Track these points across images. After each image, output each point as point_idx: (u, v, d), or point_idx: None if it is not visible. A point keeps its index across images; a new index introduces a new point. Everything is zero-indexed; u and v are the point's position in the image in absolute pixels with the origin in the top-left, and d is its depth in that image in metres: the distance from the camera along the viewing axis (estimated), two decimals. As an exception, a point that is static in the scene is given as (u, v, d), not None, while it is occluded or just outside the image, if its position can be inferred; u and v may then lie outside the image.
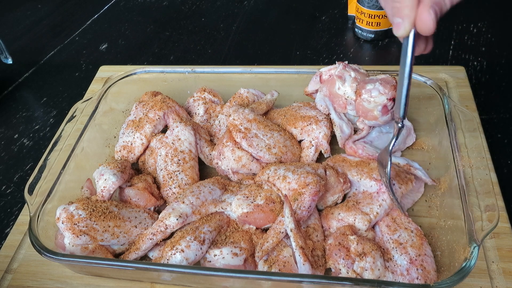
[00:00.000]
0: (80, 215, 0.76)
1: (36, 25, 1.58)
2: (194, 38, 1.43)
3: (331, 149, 0.92)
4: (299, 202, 0.76)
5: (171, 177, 0.87)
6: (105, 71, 1.26)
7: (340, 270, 0.71)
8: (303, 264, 0.69)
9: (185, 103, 1.06)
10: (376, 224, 0.78)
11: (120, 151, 0.95)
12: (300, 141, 0.94)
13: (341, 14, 1.44)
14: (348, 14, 1.39)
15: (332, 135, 0.94)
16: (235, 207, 0.80)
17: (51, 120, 1.19)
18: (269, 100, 1.01)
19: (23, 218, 0.92)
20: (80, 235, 0.74)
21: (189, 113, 1.04)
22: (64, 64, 1.39)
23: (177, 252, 0.73)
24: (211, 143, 0.98)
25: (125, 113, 1.06)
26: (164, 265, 0.72)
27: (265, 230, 0.79)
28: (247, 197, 0.80)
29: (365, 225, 0.76)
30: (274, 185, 0.81)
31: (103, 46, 1.45)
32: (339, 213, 0.79)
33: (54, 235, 0.78)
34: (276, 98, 1.03)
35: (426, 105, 0.95)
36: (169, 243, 0.76)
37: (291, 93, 1.04)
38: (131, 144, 0.95)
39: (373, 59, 1.26)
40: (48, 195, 0.81)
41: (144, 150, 0.96)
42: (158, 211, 0.86)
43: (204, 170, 0.96)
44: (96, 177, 0.84)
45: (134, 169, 0.93)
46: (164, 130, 0.97)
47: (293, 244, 0.70)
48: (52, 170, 0.85)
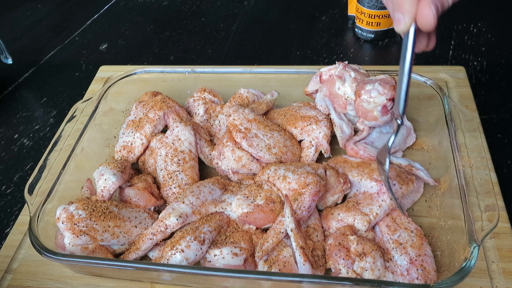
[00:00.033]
0: (80, 215, 0.76)
1: (36, 25, 1.58)
2: (194, 38, 1.43)
3: (331, 149, 0.92)
4: (299, 202, 0.76)
5: (171, 177, 0.87)
6: (105, 71, 1.26)
7: (340, 270, 0.71)
8: (303, 264, 0.69)
9: (185, 103, 1.06)
10: (376, 224, 0.78)
11: (120, 151, 0.95)
12: (300, 141, 0.94)
13: (341, 14, 1.44)
14: (348, 14, 1.39)
15: (332, 135, 0.94)
16: (235, 207, 0.80)
17: (51, 120, 1.19)
18: (269, 100, 1.01)
19: (23, 218, 0.92)
20: (80, 235, 0.74)
21: (189, 113, 1.04)
22: (64, 64, 1.39)
23: (177, 252, 0.73)
24: (211, 143, 0.98)
25: (125, 113, 1.07)
26: (164, 265, 0.72)
27: (265, 230, 0.79)
28: (247, 197, 0.80)
29: (364, 226, 0.76)
30: (274, 185, 0.81)
31: (103, 46, 1.45)
32: (339, 214, 0.79)
33: (54, 235, 0.78)
34: (276, 98, 1.03)
35: (426, 105, 0.95)
36: (169, 243, 0.76)
37: (291, 93, 1.04)
38: (131, 144, 0.95)
39: (373, 59, 1.26)
40: (48, 195, 0.81)
41: (144, 150, 0.96)
42: (158, 211, 0.86)
43: (204, 170, 0.96)
44: (96, 177, 0.84)
45: (134, 169, 0.93)
46: (164, 130, 0.97)
47: (294, 244, 0.70)
48: (52, 170, 0.85)
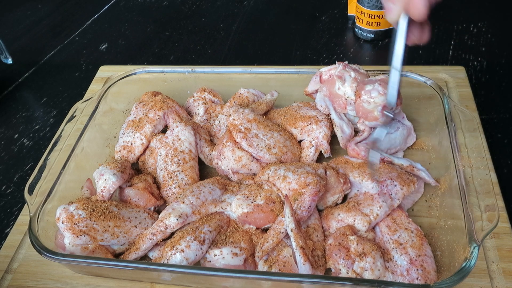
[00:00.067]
0: (80, 215, 0.76)
1: (36, 25, 1.58)
2: (194, 38, 1.43)
3: (331, 149, 0.92)
4: (299, 202, 0.75)
5: (171, 177, 0.87)
6: (105, 71, 1.26)
7: (340, 270, 0.71)
8: (304, 264, 0.69)
9: (185, 103, 1.06)
10: (376, 225, 0.78)
11: (120, 151, 0.95)
12: (300, 141, 0.94)
13: (341, 14, 1.44)
14: (348, 14, 1.39)
15: (332, 135, 0.94)
16: (235, 207, 0.80)
17: (51, 120, 1.19)
18: (269, 100, 1.01)
19: (23, 218, 0.92)
20: (80, 235, 0.74)
21: (189, 113, 1.04)
22: (64, 64, 1.39)
23: (177, 252, 0.73)
24: (211, 143, 0.98)
25: (125, 113, 1.06)
26: (164, 265, 0.72)
27: (265, 230, 0.79)
28: (247, 197, 0.80)
29: (364, 226, 0.76)
30: (274, 185, 0.81)
31: (103, 46, 1.45)
32: (339, 214, 0.79)
33: (54, 235, 0.78)
34: (276, 98, 1.03)
35: (426, 105, 0.95)
36: (169, 243, 0.76)
37: (291, 93, 1.04)
38: (131, 144, 0.95)
39: (373, 59, 1.26)
40: (48, 195, 0.81)
41: (144, 150, 0.96)
42: (158, 211, 0.86)
43: (204, 170, 0.96)
44: (96, 177, 0.84)
45: (134, 169, 0.93)
46: (164, 130, 0.97)
47: (294, 244, 0.70)
48: (52, 170, 0.85)
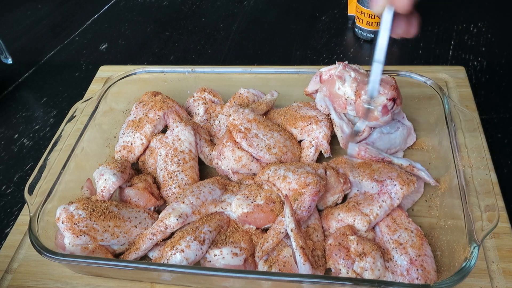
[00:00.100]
0: (80, 215, 0.76)
1: (36, 25, 1.58)
2: (194, 38, 1.43)
3: (331, 149, 0.92)
4: (299, 202, 0.75)
5: (171, 177, 0.87)
6: (105, 71, 1.26)
7: (340, 270, 0.71)
8: (304, 264, 0.69)
9: (185, 103, 1.06)
10: (376, 225, 0.78)
11: (120, 151, 0.95)
12: (300, 141, 0.94)
13: (341, 14, 1.44)
14: (348, 14, 1.39)
15: (332, 135, 0.94)
16: (235, 207, 0.80)
17: (51, 120, 1.19)
18: (269, 100, 1.01)
19: (23, 218, 0.92)
20: (80, 235, 0.74)
21: (189, 113, 1.04)
22: (64, 64, 1.39)
23: (177, 252, 0.73)
24: (211, 143, 0.98)
25: (125, 113, 1.06)
26: (164, 265, 0.72)
27: (265, 230, 0.79)
28: (247, 197, 0.80)
29: (364, 226, 0.76)
30: (274, 185, 0.81)
31: (103, 46, 1.45)
32: (339, 214, 0.79)
33: (54, 235, 0.78)
34: (276, 98, 1.03)
35: (426, 105, 0.95)
36: (169, 243, 0.76)
37: (291, 93, 1.04)
38: (131, 144, 0.95)
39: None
40: (48, 195, 0.81)
41: (144, 150, 0.96)
42: (158, 211, 0.86)
43: (204, 170, 0.96)
44: (96, 177, 0.84)
45: (134, 169, 0.93)
46: (164, 130, 0.97)
47: (294, 244, 0.70)
48: (52, 170, 0.85)
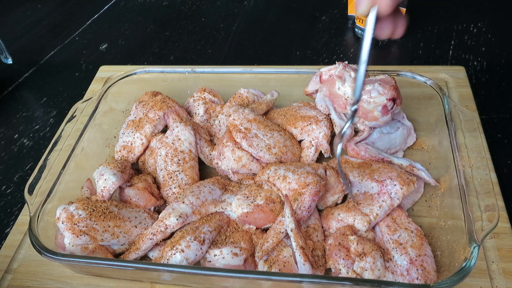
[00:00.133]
0: (80, 215, 0.76)
1: (36, 25, 1.58)
2: (194, 38, 1.43)
3: (331, 149, 0.92)
4: (299, 202, 0.75)
5: (171, 177, 0.87)
6: (105, 71, 1.26)
7: (340, 270, 0.71)
8: (304, 264, 0.69)
9: (185, 103, 1.06)
10: (376, 225, 0.78)
11: (120, 151, 0.95)
12: (300, 141, 0.94)
13: (341, 14, 1.44)
14: (348, 14, 1.39)
15: (332, 135, 0.94)
16: (235, 207, 0.80)
17: (51, 120, 1.19)
18: (269, 100, 1.01)
19: (23, 218, 0.92)
20: (80, 235, 0.74)
21: (189, 113, 1.04)
22: (64, 64, 1.39)
23: (177, 252, 0.73)
24: (211, 143, 0.98)
25: (125, 113, 1.06)
26: (164, 265, 0.72)
27: (265, 230, 0.79)
28: (247, 197, 0.80)
29: (364, 226, 0.76)
30: (274, 185, 0.81)
31: (103, 46, 1.45)
32: (339, 214, 0.79)
33: (54, 235, 0.78)
34: (276, 98, 1.03)
35: (426, 105, 0.95)
36: (169, 243, 0.76)
37: (291, 93, 1.04)
38: (131, 144, 0.95)
39: (373, 59, 1.26)
40: (48, 195, 0.81)
41: (144, 150, 0.96)
42: (158, 211, 0.86)
43: (204, 170, 0.96)
44: (96, 177, 0.84)
45: (134, 169, 0.93)
46: (164, 130, 0.97)
47: (294, 244, 0.70)
48: (52, 170, 0.85)
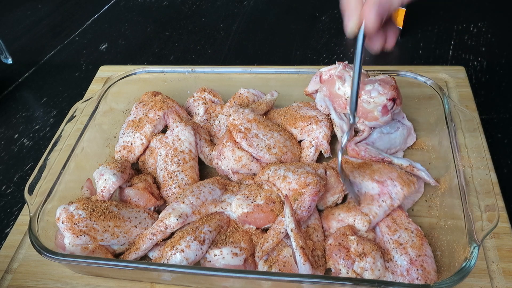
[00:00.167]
0: (80, 215, 0.76)
1: (36, 25, 1.58)
2: (194, 38, 1.43)
3: (331, 149, 0.92)
4: (299, 202, 0.75)
5: (171, 177, 0.87)
6: (105, 71, 1.26)
7: (340, 270, 0.71)
8: (304, 264, 0.69)
9: (185, 103, 1.06)
10: (376, 225, 0.78)
11: (120, 151, 0.95)
12: (300, 141, 0.94)
13: (341, 14, 1.44)
14: (348, 14, 1.39)
15: (332, 135, 0.94)
16: (235, 207, 0.80)
17: (51, 120, 1.19)
18: (269, 100, 1.01)
19: (23, 218, 0.92)
20: (80, 235, 0.74)
21: (189, 113, 1.04)
22: (64, 64, 1.39)
23: (177, 252, 0.73)
24: (211, 143, 0.98)
25: (125, 113, 1.06)
26: (164, 265, 0.72)
27: (265, 230, 0.79)
28: (247, 197, 0.80)
29: (364, 226, 0.76)
30: (274, 185, 0.81)
31: (103, 46, 1.45)
32: (339, 214, 0.79)
33: (54, 235, 0.78)
34: (276, 98, 1.03)
35: (426, 105, 0.95)
36: (169, 243, 0.76)
37: (291, 93, 1.04)
38: (131, 144, 0.95)
39: (373, 59, 1.26)
40: (48, 195, 0.81)
41: (144, 150, 0.96)
42: (158, 211, 0.86)
43: (204, 170, 0.96)
44: (96, 177, 0.84)
45: (134, 169, 0.93)
46: (164, 130, 0.97)
47: (294, 244, 0.70)
48: (52, 170, 0.85)
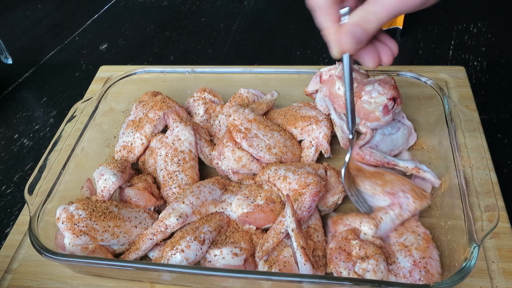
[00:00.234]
0: (80, 215, 0.76)
1: (36, 25, 1.58)
2: (194, 38, 1.43)
3: (331, 149, 0.92)
4: (299, 202, 0.75)
5: (171, 177, 0.87)
6: (105, 71, 1.25)
7: (341, 273, 0.71)
8: (304, 264, 0.69)
9: (185, 103, 1.06)
10: (387, 235, 0.77)
11: (120, 151, 0.95)
12: (300, 141, 0.94)
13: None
14: (348, 14, 1.39)
15: (332, 135, 0.94)
16: (235, 207, 0.80)
17: (51, 120, 1.19)
18: (269, 100, 1.01)
19: (23, 218, 0.92)
20: (80, 235, 0.74)
21: (189, 113, 1.04)
22: (64, 64, 1.39)
23: (177, 252, 0.73)
24: (211, 143, 0.97)
25: (125, 113, 1.06)
26: (164, 265, 0.72)
27: (265, 230, 0.79)
28: (247, 197, 0.80)
29: (371, 229, 0.75)
30: (274, 185, 0.81)
31: (103, 46, 1.45)
32: (347, 219, 0.78)
33: (54, 235, 0.78)
34: (276, 98, 1.03)
35: (426, 105, 0.95)
36: (169, 243, 0.76)
37: (291, 93, 1.04)
38: (131, 144, 0.95)
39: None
40: (48, 195, 0.81)
41: (144, 150, 0.96)
42: (158, 211, 0.86)
43: (204, 170, 0.96)
44: (96, 177, 0.84)
45: (134, 169, 0.93)
46: (164, 130, 0.97)
47: (295, 244, 0.70)
48: (52, 170, 0.84)
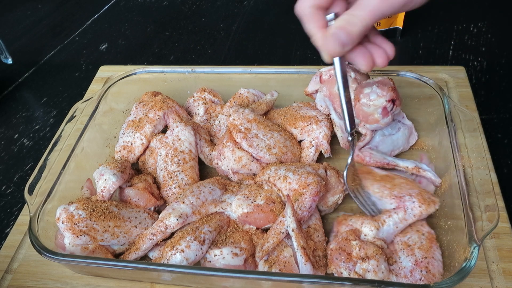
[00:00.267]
0: (80, 215, 0.76)
1: (36, 25, 1.58)
2: (194, 38, 1.43)
3: (331, 149, 0.92)
4: (299, 202, 0.75)
5: (171, 177, 0.87)
6: (105, 71, 1.25)
7: (342, 273, 0.71)
8: (305, 264, 0.69)
9: (185, 103, 1.06)
10: (391, 239, 0.77)
11: (120, 151, 0.95)
12: (300, 141, 0.94)
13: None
14: (348, 14, 1.39)
15: (332, 135, 0.94)
16: (235, 207, 0.80)
17: (51, 120, 1.19)
18: (269, 100, 1.01)
19: (23, 218, 0.92)
20: (80, 235, 0.74)
21: (189, 113, 1.04)
22: (64, 64, 1.39)
23: (177, 252, 0.73)
24: (211, 143, 0.97)
25: (125, 113, 1.06)
26: (164, 265, 0.72)
27: (265, 230, 0.79)
28: (247, 197, 0.80)
29: (371, 230, 0.75)
30: (274, 185, 0.81)
31: (103, 46, 1.45)
32: (351, 219, 0.78)
33: (54, 235, 0.78)
34: (276, 98, 1.03)
35: (426, 105, 0.95)
36: (169, 243, 0.76)
37: (291, 93, 1.04)
38: (131, 144, 0.95)
39: (373, 59, 1.26)
40: (48, 195, 0.81)
41: (144, 150, 0.96)
42: (158, 211, 0.86)
43: (204, 170, 0.96)
44: (96, 177, 0.84)
45: (134, 169, 0.93)
46: (164, 130, 0.97)
47: (295, 244, 0.70)
48: (52, 170, 0.84)
